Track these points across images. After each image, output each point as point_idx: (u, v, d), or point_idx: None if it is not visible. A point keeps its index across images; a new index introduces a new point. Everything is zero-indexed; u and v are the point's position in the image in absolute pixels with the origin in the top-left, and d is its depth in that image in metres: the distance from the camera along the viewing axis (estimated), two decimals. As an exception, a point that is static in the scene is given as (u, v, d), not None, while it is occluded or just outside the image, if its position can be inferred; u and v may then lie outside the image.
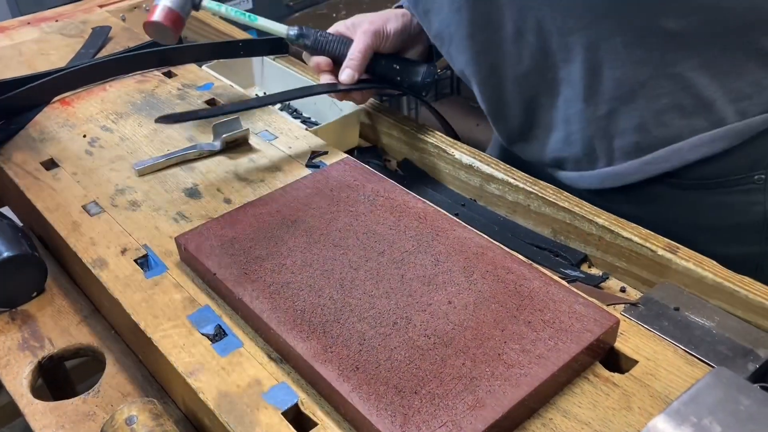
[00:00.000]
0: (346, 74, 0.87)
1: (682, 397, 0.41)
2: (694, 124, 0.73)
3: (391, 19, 0.90)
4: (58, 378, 0.86)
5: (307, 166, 0.83)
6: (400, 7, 0.93)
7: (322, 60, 0.90)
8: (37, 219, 0.80)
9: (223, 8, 0.86)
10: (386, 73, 0.91)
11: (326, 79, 0.91)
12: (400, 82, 0.91)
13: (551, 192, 0.79)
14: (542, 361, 0.55)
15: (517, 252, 0.71)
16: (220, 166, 0.84)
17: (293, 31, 0.89)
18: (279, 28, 0.89)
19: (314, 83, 1.04)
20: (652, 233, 0.73)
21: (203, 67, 1.08)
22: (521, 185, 0.81)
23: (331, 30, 0.92)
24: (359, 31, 0.88)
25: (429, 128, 0.93)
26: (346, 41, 0.90)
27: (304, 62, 0.96)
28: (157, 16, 0.83)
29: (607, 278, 0.76)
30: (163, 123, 0.84)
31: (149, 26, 0.84)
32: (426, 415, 0.51)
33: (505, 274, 0.63)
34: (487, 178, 0.84)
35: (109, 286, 0.67)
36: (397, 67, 0.90)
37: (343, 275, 0.63)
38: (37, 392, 0.67)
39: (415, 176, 0.92)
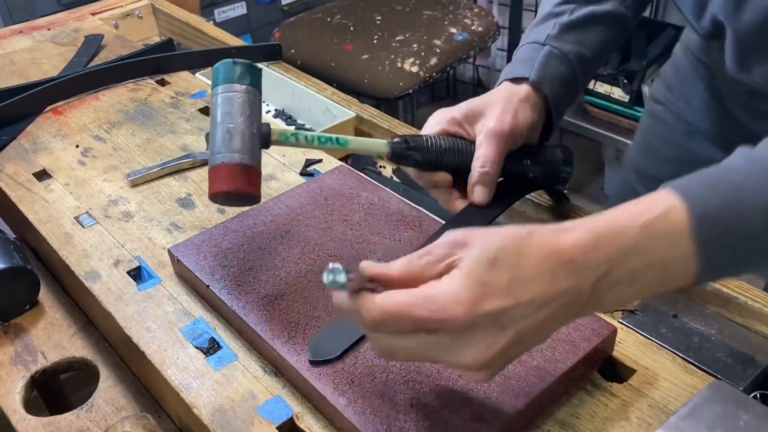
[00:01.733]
0: (480, 194, 0.67)
1: (679, 411, 0.40)
2: None
3: (519, 110, 0.69)
4: (53, 391, 0.85)
5: (302, 174, 0.83)
6: (520, 79, 0.71)
7: (439, 178, 0.69)
8: (30, 231, 0.79)
9: (302, 137, 0.63)
10: (515, 171, 0.71)
11: (445, 198, 0.70)
12: (533, 179, 0.72)
13: (546, 198, 0.79)
14: (540, 372, 0.54)
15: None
16: (214, 175, 0.83)
17: (397, 146, 0.66)
18: (378, 147, 0.67)
19: (314, 92, 1.04)
20: (650, 239, 0.72)
21: (196, 74, 1.07)
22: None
23: (435, 121, 0.70)
24: (485, 134, 0.67)
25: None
26: (466, 148, 0.68)
27: (407, 174, 0.72)
28: (231, 181, 0.59)
29: (605, 284, 0.75)
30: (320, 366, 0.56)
31: (222, 197, 0.60)
32: (422, 429, 0.51)
33: (501, 283, 0.62)
34: (482, 185, 0.84)
35: (102, 299, 0.66)
36: (529, 162, 0.71)
37: (337, 286, 0.63)
38: (33, 403, 0.67)
39: (411, 183, 0.92)
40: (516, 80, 0.71)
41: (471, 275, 0.44)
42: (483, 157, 0.66)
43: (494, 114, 0.68)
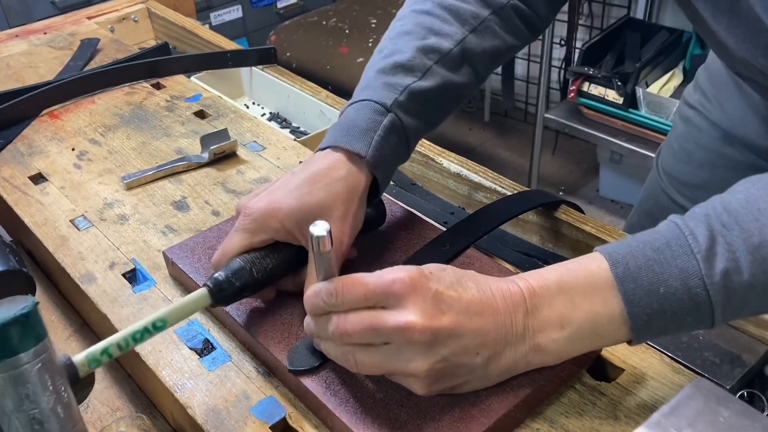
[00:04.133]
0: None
1: (662, 408, 0.41)
2: None
3: (358, 210, 0.62)
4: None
5: (296, 177, 0.83)
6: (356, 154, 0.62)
7: (263, 296, 0.63)
8: (26, 234, 0.80)
9: (113, 347, 0.53)
10: None
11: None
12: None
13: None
14: (528, 372, 0.55)
15: (506, 260, 0.72)
16: (209, 178, 0.84)
17: (223, 293, 0.57)
18: (200, 303, 0.57)
19: (309, 96, 1.04)
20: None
21: (192, 78, 1.08)
22: (509, 194, 0.81)
23: (259, 226, 0.59)
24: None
25: (417, 137, 0.93)
26: (296, 255, 0.61)
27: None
28: None
29: (595, 285, 0.76)
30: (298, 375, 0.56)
31: None
32: (412, 428, 0.51)
33: (491, 284, 0.63)
34: (475, 187, 0.85)
35: (97, 301, 0.67)
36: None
37: (330, 287, 0.63)
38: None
39: (404, 185, 0.92)
40: (352, 153, 0.62)
41: (421, 269, 0.51)
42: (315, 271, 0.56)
43: (333, 225, 0.58)
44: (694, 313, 0.49)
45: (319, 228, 0.49)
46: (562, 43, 2.42)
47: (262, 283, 0.60)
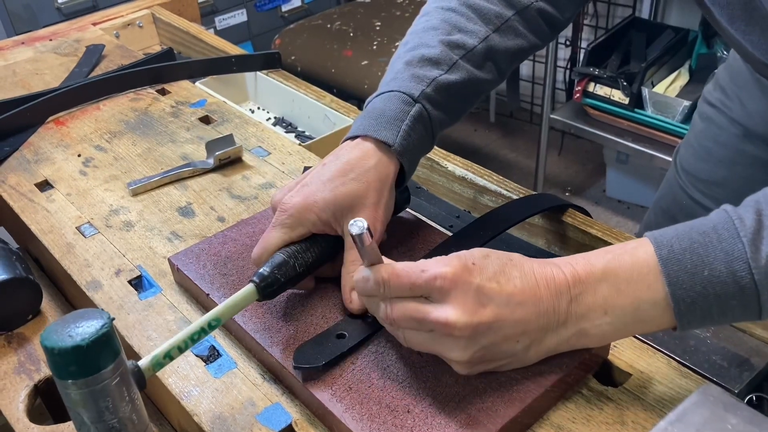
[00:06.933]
0: (357, 301, 0.60)
1: (669, 416, 0.41)
2: None
3: (389, 199, 0.64)
4: (57, 399, 0.86)
5: (301, 182, 0.83)
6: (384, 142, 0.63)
7: (302, 286, 0.63)
8: (32, 241, 0.80)
9: (174, 350, 0.53)
10: None
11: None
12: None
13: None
14: (535, 377, 0.55)
15: (511, 265, 0.71)
16: (214, 183, 0.84)
17: (269, 288, 0.58)
18: (249, 299, 0.57)
19: (313, 100, 1.05)
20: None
21: (197, 83, 1.08)
22: (514, 197, 0.81)
23: (297, 221, 0.61)
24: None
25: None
26: (333, 246, 0.63)
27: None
28: None
29: (602, 288, 0.75)
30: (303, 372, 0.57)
31: None
32: (419, 435, 0.51)
33: (497, 289, 0.63)
34: (480, 190, 0.85)
35: (103, 308, 0.67)
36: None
37: (335, 293, 0.63)
38: (37, 411, 0.67)
39: (409, 189, 0.92)
40: (380, 142, 0.64)
41: (462, 257, 0.52)
42: (357, 262, 0.59)
43: (367, 213, 0.62)
44: (739, 297, 0.48)
45: (356, 226, 0.51)
46: (567, 43, 2.41)
47: (303, 276, 0.61)
